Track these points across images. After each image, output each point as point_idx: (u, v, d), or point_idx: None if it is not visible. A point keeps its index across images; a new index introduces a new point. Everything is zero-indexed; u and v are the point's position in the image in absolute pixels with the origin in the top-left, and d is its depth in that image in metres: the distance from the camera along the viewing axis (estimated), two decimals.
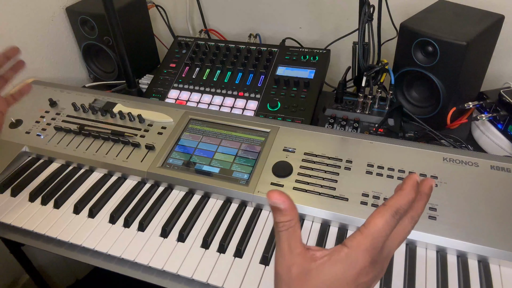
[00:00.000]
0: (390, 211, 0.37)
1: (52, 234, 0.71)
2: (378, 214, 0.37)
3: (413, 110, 0.94)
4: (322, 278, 0.36)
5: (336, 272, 0.36)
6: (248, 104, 0.98)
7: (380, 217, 0.36)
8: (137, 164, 0.81)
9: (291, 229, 0.38)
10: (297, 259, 0.37)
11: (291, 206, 0.37)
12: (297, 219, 0.38)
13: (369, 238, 0.36)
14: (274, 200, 0.37)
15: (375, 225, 0.36)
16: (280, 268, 0.38)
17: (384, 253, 0.38)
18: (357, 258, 0.36)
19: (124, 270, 0.67)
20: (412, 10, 0.92)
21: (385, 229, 0.36)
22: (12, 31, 1.03)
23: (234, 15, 1.27)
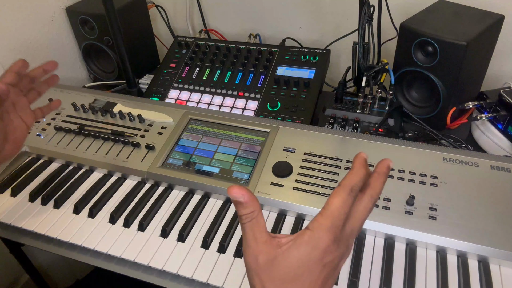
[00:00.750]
0: (345, 189, 0.38)
1: (52, 234, 0.71)
2: (334, 195, 0.38)
3: (413, 110, 0.94)
4: (288, 262, 0.37)
5: (301, 255, 0.37)
6: (248, 104, 0.98)
7: (337, 197, 0.38)
8: (137, 164, 0.81)
9: (254, 220, 0.39)
10: (262, 248, 0.39)
11: (251, 198, 0.39)
12: (259, 210, 0.40)
13: (329, 218, 0.37)
14: (234, 194, 0.38)
15: (333, 204, 0.38)
16: (248, 258, 0.39)
17: (347, 231, 0.39)
18: (320, 239, 0.37)
19: (124, 270, 0.67)
20: (412, 10, 0.92)
21: (343, 207, 0.38)
22: (12, 31, 1.03)
23: (234, 15, 1.27)
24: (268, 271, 0.38)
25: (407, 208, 0.67)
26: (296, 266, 0.37)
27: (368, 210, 0.41)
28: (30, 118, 0.68)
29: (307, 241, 0.37)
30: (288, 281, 0.37)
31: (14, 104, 0.66)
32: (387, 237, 0.67)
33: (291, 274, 0.37)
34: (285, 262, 0.37)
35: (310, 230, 0.38)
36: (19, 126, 0.67)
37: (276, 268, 0.38)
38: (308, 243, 0.37)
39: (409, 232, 0.65)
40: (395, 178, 0.72)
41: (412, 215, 0.66)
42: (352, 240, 0.41)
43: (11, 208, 0.76)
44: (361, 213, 0.40)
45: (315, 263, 0.37)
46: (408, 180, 0.71)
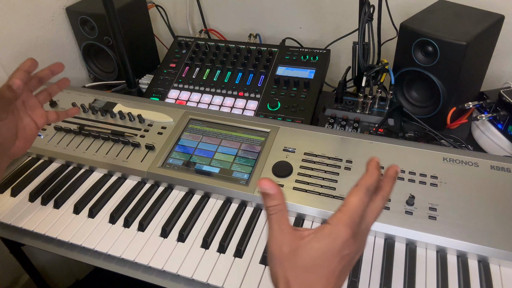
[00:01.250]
0: (362, 189, 0.42)
1: (52, 234, 0.71)
2: (353, 193, 0.42)
3: (413, 110, 0.94)
4: (310, 253, 0.41)
5: (322, 247, 0.41)
6: (248, 104, 0.98)
7: (355, 196, 0.42)
8: (137, 164, 0.81)
9: (280, 212, 0.42)
10: (287, 238, 0.42)
11: (279, 192, 0.42)
12: (284, 203, 0.43)
13: (348, 214, 0.41)
14: (264, 186, 0.42)
15: (352, 202, 0.42)
16: (272, 247, 0.42)
17: (363, 226, 0.43)
18: (339, 232, 0.40)
19: (124, 270, 0.67)
20: (412, 10, 0.92)
21: (360, 205, 0.42)
22: (12, 31, 1.03)
23: (234, 15, 1.27)
24: (291, 260, 0.41)
25: (407, 208, 0.67)
26: (317, 256, 0.40)
27: (380, 209, 0.45)
28: (41, 118, 0.68)
29: (328, 234, 0.41)
30: (308, 270, 0.40)
31: (24, 103, 0.67)
32: (387, 237, 0.67)
33: (312, 263, 0.40)
34: (307, 253, 0.41)
35: (330, 225, 0.41)
36: (29, 125, 0.67)
37: (298, 258, 0.41)
38: (328, 236, 0.41)
39: (409, 232, 0.65)
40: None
41: (412, 215, 0.66)
42: (366, 237, 0.45)
43: (11, 208, 0.76)
44: (374, 211, 0.44)
45: (334, 255, 0.40)
46: (408, 180, 0.71)
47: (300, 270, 0.41)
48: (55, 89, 0.73)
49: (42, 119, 0.69)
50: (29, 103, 0.67)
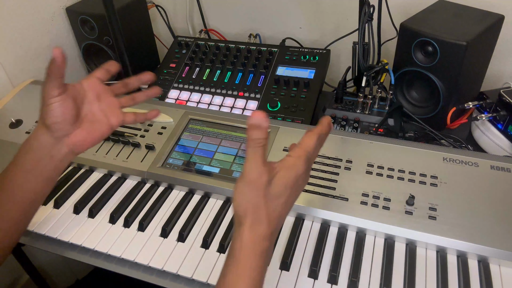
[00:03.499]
0: (316, 135, 0.51)
1: (52, 234, 0.71)
2: (309, 136, 0.51)
3: (413, 110, 0.94)
4: (280, 182, 0.48)
5: (289, 175, 0.49)
6: (248, 104, 0.98)
7: (311, 139, 0.51)
8: (137, 164, 0.81)
9: (265, 145, 0.48)
10: (266, 169, 0.47)
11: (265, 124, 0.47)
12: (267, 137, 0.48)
13: (306, 152, 0.50)
14: (259, 117, 0.46)
15: (308, 143, 0.51)
16: (253, 176, 0.47)
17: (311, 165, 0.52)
18: (300, 166, 0.49)
19: (124, 270, 0.67)
20: (412, 10, 0.92)
21: (314, 146, 0.51)
22: (12, 31, 1.03)
23: (234, 15, 1.27)
24: (267, 188, 0.47)
25: (407, 208, 0.67)
26: (285, 183, 0.48)
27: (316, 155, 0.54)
28: (116, 118, 0.67)
29: (292, 165, 0.49)
30: (278, 196, 0.48)
31: (100, 98, 0.66)
32: (387, 237, 0.67)
33: (281, 190, 0.48)
34: (279, 181, 0.48)
35: (293, 157, 0.50)
36: (99, 120, 0.65)
37: (272, 186, 0.48)
38: (292, 167, 0.49)
39: (409, 232, 0.65)
40: (395, 178, 0.72)
41: (412, 215, 0.66)
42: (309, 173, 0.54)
43: None
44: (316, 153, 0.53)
45: (294, 182, 0.49)
46: (408, 180, 0.71)
47: (271, 197, 0.48)
48: (141, 96, 0.72)
49: (117, 118, 0.67)
50: (106, 100, 0.67)
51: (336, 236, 0.68)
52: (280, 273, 0.63)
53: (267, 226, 0.48)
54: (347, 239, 0.67)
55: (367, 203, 0.69)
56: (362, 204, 0.69)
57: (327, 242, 0.67)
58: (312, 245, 0.66)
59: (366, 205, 0.68)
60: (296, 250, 0.66)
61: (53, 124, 0.59)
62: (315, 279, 0.62)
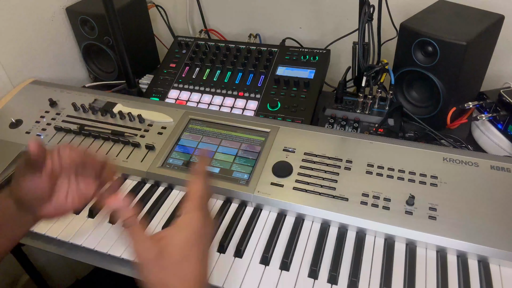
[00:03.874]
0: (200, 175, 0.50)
1: (52, 234, 0.71)
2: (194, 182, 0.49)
3: (413, 110, 0.94)
4: (176, 247, 0.44)
5: (185, 236, 0.45)
6: (248, 104, 0.98)
7: (195, 183, 0.49)
8: (137, 164, 0.81)
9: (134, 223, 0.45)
10: (147, 245, 0.44)
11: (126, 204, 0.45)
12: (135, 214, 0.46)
13: (195, 200, 0.48)
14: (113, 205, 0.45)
15: (194, 189, 0.49)
16: (138, 258, 0.45)
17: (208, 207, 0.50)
18: (194, 218, 0.47)
19: (124, 270, 0.67)
20: (412, 10, 0.92)
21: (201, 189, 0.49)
22: (12, 31, 1.03)
23: (234, 15, 1.27)
24: (160, 262, 0.44)
25: (407, 208, 0.67)
26: (183, 246, 0.45)
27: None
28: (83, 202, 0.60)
29: (185, 223, 0.46)
30: (181, 261, 0.44)
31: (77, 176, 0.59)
32: (387, 237, 0.67)
33: (182, 254, 0.45)
34: (173, 248, 0.44)
35: (184, 215, 0.47)
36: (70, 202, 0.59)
37: (166, 256, 0.44)
38: (186, 225, 0.46)
39: (409, 232, 0.65)
40: (395, 178, 0.72)
41: (412, 215, 0.66)
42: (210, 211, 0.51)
43: None
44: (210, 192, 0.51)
45: (198, 238, 0.46)
46: (408, 180, 0.71)
47: (173, 266, 0.44)
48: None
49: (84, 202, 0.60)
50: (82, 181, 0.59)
51: (336, 236, 0.68)
52: (280, 273, 0.63)
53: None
54: (347, 239, 0.67)
55: (367, 203, 0.69)
56: (362, 204, 0.69)
57: (327, 242, 0.67)
58: (312, 245, 0.66)
59: (366, 205, 0.68)
60: (296, 250, 0.66)
61: (20, 199, 0.55)
62: (315, 279, 0.62)
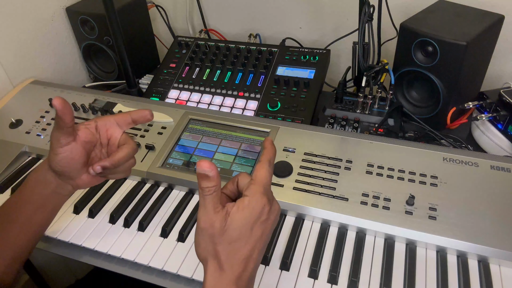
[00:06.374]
0: (266, 163, 0.50)
1: (52, 234, 0.71)
2: (260, 168, 0.50)
3: (413, 110, 0.94)
4: (235, 225, 0.47)
5: (244, 217, 0.47)
6: (248, 104, 0.98)
7: (262, 169, 0.50)
8: (137, 164, 0.80)
9: (215, 193, 0.47)
10: (218, 217, 0.47)
11: (217, 174, 0.46)
12: (220, 183, 0.47)
13: (260, 185, 0.49)
14: (204, 168, 0.45)
15: (261, 175, 0.49)
16: (205, 224, 0.47)
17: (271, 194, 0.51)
18: (257, 202, 0.48)
19: (124, 270, 0.67)
20: (412, 10, 0.92)
21: (268, 175, 0.50)
22: (12, 31, 1.03)
23: (234, 15, 1.27)
24: (221, 235, 0.47)
25: (407, 208, 0.67)
26: (241, 226, 0.47)
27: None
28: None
29: (247, 204, 0.48)
30: (235, 240, 0.47)
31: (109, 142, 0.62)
32: (387, 237, 0.67)
33: (238, 233, 0.47)
34: (233, 226, 0.47)
35: (248, 196, 0.48)
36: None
37: (227, 232, 0.47)
38: (248, 206, 0.48)
39: (409, 232, 0.65)
40: (395, 178, 0.72)
41: (412, 215, 0.66)
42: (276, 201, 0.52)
43: None
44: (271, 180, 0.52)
45: (254, 221, 0.48)
46: (408, 180, 0.71)
47: (228, 242, 0.47)
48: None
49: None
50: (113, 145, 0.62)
51: (336, 236, 0.68)
52: (280, 273, 0.63)
53: (230, 271, 0.47)
54: (347, 239, 0.67)
55: (367, 203, 0.69)
56: (362, 204, 0.69)
57: (327, 242, 0.67)
58: (312, 245, 0.66)
59: (366, 205, 0.68)
60: (296, 250, 0.66)
61: (59, 171, 0.59)
62: (315, 279, 0.62)
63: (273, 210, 0.50)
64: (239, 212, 0.47)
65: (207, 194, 0.46)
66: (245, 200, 0.48)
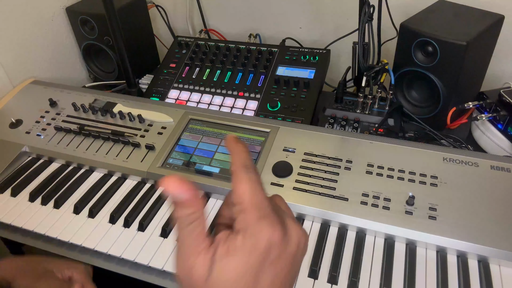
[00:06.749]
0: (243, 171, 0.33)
1: (52, 234, 0.71)
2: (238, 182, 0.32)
3: (413, 110, 0.94)
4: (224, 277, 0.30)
5: (238, 264, 0.30)
6: (248, 104, 0.98)
7: (242, 183, 0.32)
8: (137, 164, 0.81)
9: (195, 222, 0.31)
10: (200, 260, 0.31)
11: (194, 194, 0.31)
12: (202, 209, 0.32)
13: (252, 208, 0.31)
14: (172, 190, 0.30)
15: (244, 193, 0.32)
16: (180, 271, 0.32)
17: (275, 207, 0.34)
18: (255, 235, 0.31)
19: (124, 270, 0.67)
20: (412, 10, 0.92)
21: (255, 189, 0.32)
22: (12, 31, 1.03)
23: (234, 15, 1.27)
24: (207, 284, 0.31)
25: (407, 208, 0.67)
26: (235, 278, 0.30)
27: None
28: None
29: (241, 246, 0.31)
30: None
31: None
32: (387, 237, 0.67)
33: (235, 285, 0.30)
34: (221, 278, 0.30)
35: (240, 232, 0.31)
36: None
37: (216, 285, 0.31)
38: (242, 248, 0.31)
39: (409, 232, 0.65)
40: (395, 178, 0.72)
41: (412, 215, 0.66)
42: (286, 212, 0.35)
43: (11, 208, 0.76)
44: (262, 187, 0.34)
45: (259, 266, 0.31)
46: (408, 180, 0.71)
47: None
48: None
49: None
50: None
51: (336, 236, 0.68)
52: None
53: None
54: (347, 239, 0.67)
55: (367, 203, 0.69)
56: (362, 204, 0.69)
57: (327, 242, 0.67)
58: (312, 245, 0.66)
59: (366, 205, 0.68)
60: None
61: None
62: (315, 279, 0.62)
63: (289, 237, 0.33)
64: (231, 258, 0.31)
65: (182, 225, 0.31)
66: (236, 239, 0.31)
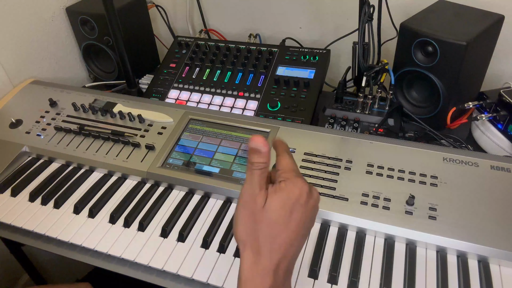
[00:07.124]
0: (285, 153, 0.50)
1: (52, 234, 0.71)
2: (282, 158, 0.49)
3: (413, 110, 0.94)
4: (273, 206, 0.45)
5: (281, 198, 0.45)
6: (248, 104, 0.98)
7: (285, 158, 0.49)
8: (137, 164, 0.81)
9: (264, 169, 0.46)
10: (262, 194, 0.46)
11: (269, 153, 0.45)
12: (269, 164, 0.46)
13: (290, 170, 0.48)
14: (257, 143, 0.45)
15: (286, 162, 0.49)
16: (247, 197, 0.46)
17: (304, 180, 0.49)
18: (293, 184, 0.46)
19: (124, 270, 0.67)
20: (412, 10, 0.92)
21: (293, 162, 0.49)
22: (12, 31, 1.03)
23: (234, 15, 1.27)
24: (261, 213, 0.45)
25: (407, 208, 0.67)
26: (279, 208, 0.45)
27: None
28: None
29: (284, 187, 0.46)
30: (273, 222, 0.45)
31: None
32: (387, 237, 0.67)
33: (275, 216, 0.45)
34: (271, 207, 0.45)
35: (283, 181, 0.47)
36: None
37: (266, 212, 0.45)
38: (284, 189, 0.46)
39: (409, 232, 0.65)
40: (395, 178, 0.72)
41: (412, 215, 0.66)
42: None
43: (11, 208, 0.76)
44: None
45: (293, 204, 0.46)
46: (408, 180, 0.71)
47: (267, 224, 0.45)
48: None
49: None
50: None
51: (336, 236, 0.68)
52: None
53: (267, 257, 0.45)
54: (347, 239, 0.67)
55: (367, 203, 0.69)
56: (362, 204, 0.69)
57: (327, 242, 0.67)
58: (312, 245, 0.66)
59: (366, 205, 0.68)
60: None
61: None
62: (315, 279, 0.62)
63: (312, 194, 0.48)
64: (277, 194, 0.46)
65: (255, 168, 0.45)
66: (281, 183, 0.46)
